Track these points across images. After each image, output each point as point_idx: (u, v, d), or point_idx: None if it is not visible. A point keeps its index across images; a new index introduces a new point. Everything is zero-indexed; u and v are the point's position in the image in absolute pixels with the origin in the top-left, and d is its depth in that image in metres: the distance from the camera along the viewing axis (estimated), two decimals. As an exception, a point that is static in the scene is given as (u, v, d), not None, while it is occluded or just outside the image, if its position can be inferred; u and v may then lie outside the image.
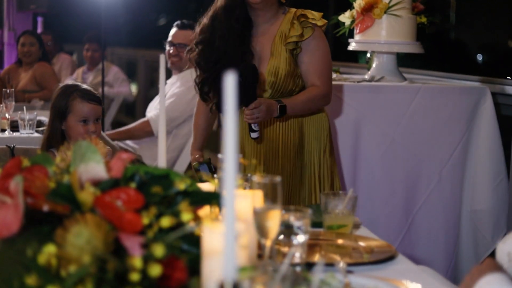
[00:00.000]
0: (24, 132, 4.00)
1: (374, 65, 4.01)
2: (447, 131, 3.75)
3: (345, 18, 4.10)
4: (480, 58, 7.62)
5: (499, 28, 7.18)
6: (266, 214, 1.51)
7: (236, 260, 1.02)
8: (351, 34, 4.07)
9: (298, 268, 1.51)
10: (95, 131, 2.79)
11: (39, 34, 7.01)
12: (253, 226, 1.49)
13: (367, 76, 3.99)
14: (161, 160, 1.53)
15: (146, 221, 1.23)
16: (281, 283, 1.15)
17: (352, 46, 3.98)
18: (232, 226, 1.02)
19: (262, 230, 1.51)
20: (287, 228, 1.54)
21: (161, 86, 1.54)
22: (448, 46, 7.70)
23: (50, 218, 1.24)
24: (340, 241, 1.93)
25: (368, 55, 4.30)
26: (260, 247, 1.53)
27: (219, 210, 1.33)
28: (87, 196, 1.24)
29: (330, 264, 1.58)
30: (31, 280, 1.15)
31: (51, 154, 2.69)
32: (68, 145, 1.51)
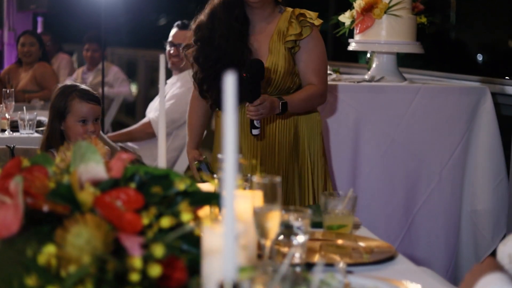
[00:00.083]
0: (24, 132, 4.00)
1: (374, 65, 4.01)
2: (447, 131, 3.75)
3: (345, 18, 4.10)
4: (480, 58, 7.63)
5: (499, 28, 7.18)
6: (266, 214, 1.51)
7: (236, 260, 1.02)
8: (351, 34, 4.07)
9: (298, 269, 1.51)
10: (94, 131, 2.79)
11: (39, 34, 7.01)
12: (253, 226, 1.49)
13: (367, 76, 3.99)
14: (161, 160, 1.53)
15: (146, 221, 1.23)
16: (281, 284, 1.15)
17: (352, 46, 3.98)
18: (232, 226, 1.02)
19: (262, 230, 1.51)
20: (287, 229, 1.54)
21: (161, 86, 1.54)
22: (448, 46, 7.71)
23: (50, 218, 1.24)
24: (340, 241, 1.94)
25: (368, 55, 4.30)
26: (260, 247, 1.53)
27: (219, 210, 1.33)
28: (87, 196, 1.24)
29: (330, 264, 1.58)
30: (31, 280, 1.15)
31: (51, 154, 2.69)
32: (68, 145, 1.50)
